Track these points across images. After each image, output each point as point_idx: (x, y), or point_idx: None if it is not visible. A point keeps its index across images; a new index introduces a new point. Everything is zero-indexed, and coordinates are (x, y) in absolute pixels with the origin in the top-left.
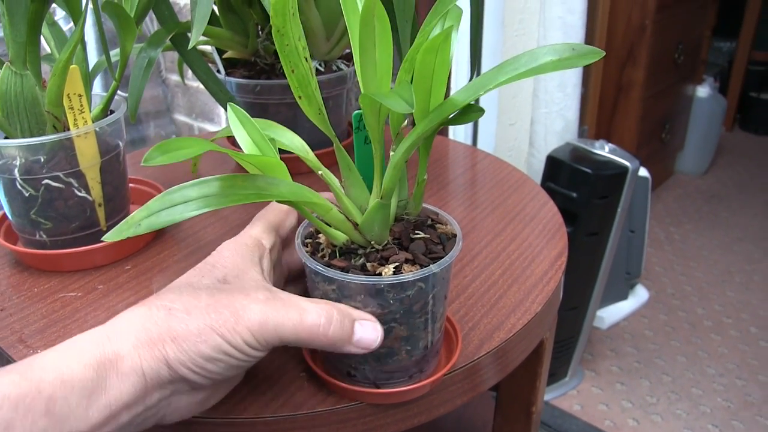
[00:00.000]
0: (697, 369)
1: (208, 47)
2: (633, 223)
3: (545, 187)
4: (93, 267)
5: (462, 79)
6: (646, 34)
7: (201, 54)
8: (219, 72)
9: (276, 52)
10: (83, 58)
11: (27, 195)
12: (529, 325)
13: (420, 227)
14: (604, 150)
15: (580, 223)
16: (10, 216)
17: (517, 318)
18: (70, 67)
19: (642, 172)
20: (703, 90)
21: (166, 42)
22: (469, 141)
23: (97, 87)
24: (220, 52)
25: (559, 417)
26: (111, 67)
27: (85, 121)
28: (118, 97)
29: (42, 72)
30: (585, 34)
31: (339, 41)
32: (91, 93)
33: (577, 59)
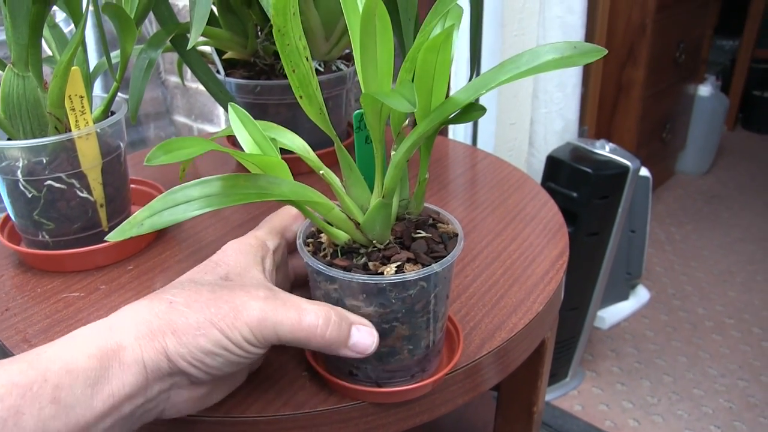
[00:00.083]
0: (699, 369)
1: (207, 48)
2: (634, 223)
3: (545, 187)
4: (95, 267)
5: (461, 80)
6: (646, 33)
7: (201, 55)
8: (218, 73)
9: (275, 52)
10: (84, 59)
11: (30, 196)
12: (531, 325)
13: (421, 226)
14: (604, 150)
15: (580, 223)
16: (13, 217)
17: (519, 318)
18: (71, 69)
19: (643, 171)
20: (705, 89)
21: (166, 43)
22: (469, 141)
23: (97, 89)
24: (219, 52)
25: (560, 417)
26: (111, 69)
27: (87, 123)
28: (118, 99)
29: (43, 74)
30: (585, 33)
31: (338, 41)
32: (92, 94)
33: (579, 57)
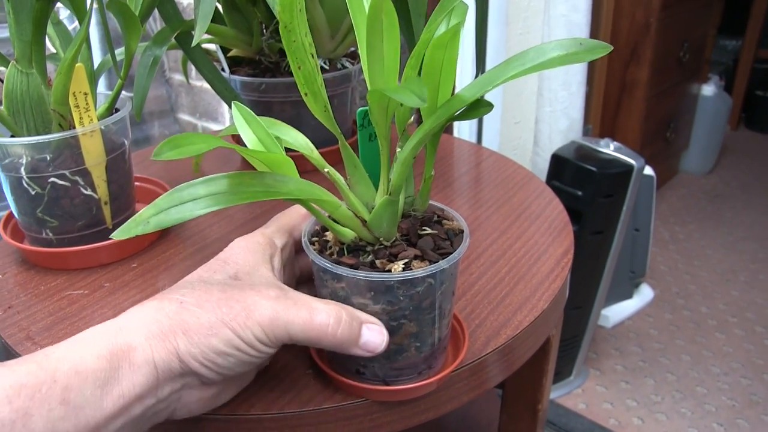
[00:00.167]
0: (702, 368)
1: (212, 46)
2: (638, 222)
3: (550, 186)
4: (99, 265)
5: (466, 78)
6: (650, 32)
7: (205, 52)
8: (223, 70)
9: (280, 50)
10: (88, 56)
11: (33, 193)
12: (536, 323)
13: (427, 223)
14: (609, 148)
15: (585, 222)
16: (16, 214)
17: (524, 315)
18: (75, 66)
19: (647, 170)
20: (708, 88)
21: (170, 40)
22: (474, 139)
23: (101, 87)
24: (224, 50)
25: (564, 415)
26: (116, 66)
27: (91, 120)
28: (123, 96)
29: (47, 71)
30: (589, 32)
31: (344, 39)
32: (96, 92)
33: (585, 54)
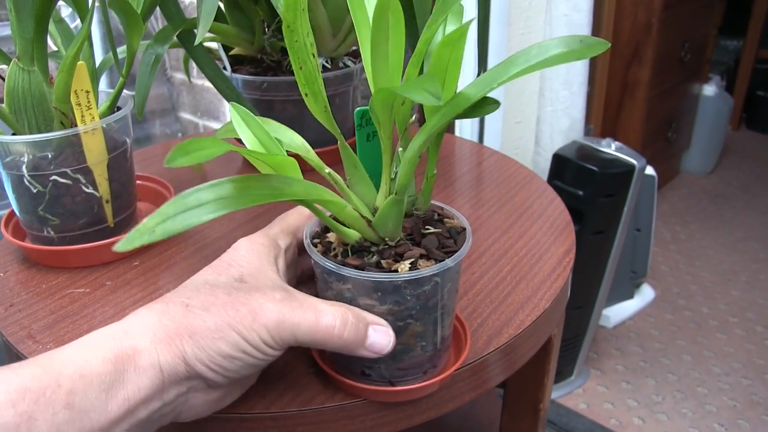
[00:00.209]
0: (703, 368)
1: (214, 44)
2: (639, 222)
3: (551, 185)
4: (100, 263)
5: (467, 77)
6: (652, 32)
7: (207, 51)
8: (225, 69)
9: (282, 48)
10: (90, 54)
11: (35, 191)
12: (538, 322)
13: (429, 222)
14: (610, 148)
15: (586, 222)
16: (17, 212)
17: (526, 315)
18: (77, 64)
19: (648, 170)
20: (710, 89)
21: (172, 38)
22: (476, 139)
23: (103, 85)
24: (226, 49)
25: (565, 415)
26: (118, 64)
27: (93, 118)
28: (124, 95)
29: (49, 69)
30: (591, 32)
31: (345, 38)
32: (98, 90)
33: (586, 50)
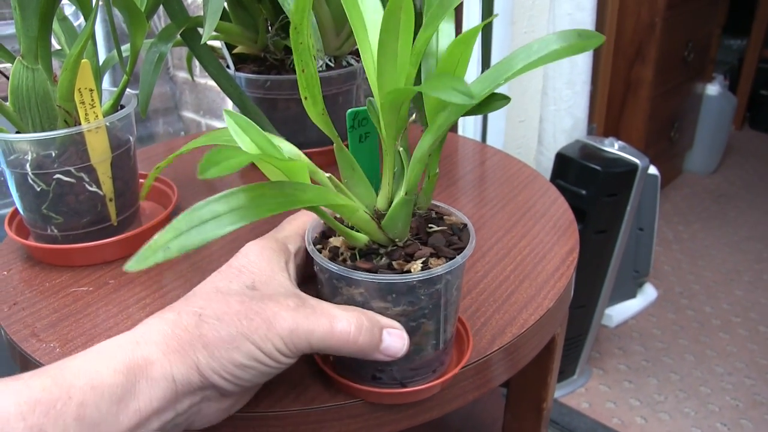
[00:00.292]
0: (706, 368)
1: (217, 42)
2: (642, 221)
3: (554, 185)
4: (104, 262)
5: (470, 76)
6: (655, 31)
7: (210, 49)
8: (228, 67)
9: (286, 47)
10: (94, 53)
11: (38, 190)
12: (541, 321)
13: (431, 221)
14: (613, 147)
15: (588, 221)
16: (21, 211)
17: (529, 314)
18: (81, 62)
19: (651, 169)
20: (713, 88)
21: (176, 37)
22: (479, 138)
23: (106, 83)
24: (229, 47)
25: (567, 415)
26: (122, 62)
27: (96, 116)
28: (128, 93)
29: (53, 67)
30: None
31: (349, 37)
32: (102, 88)
33: (585, 44)
